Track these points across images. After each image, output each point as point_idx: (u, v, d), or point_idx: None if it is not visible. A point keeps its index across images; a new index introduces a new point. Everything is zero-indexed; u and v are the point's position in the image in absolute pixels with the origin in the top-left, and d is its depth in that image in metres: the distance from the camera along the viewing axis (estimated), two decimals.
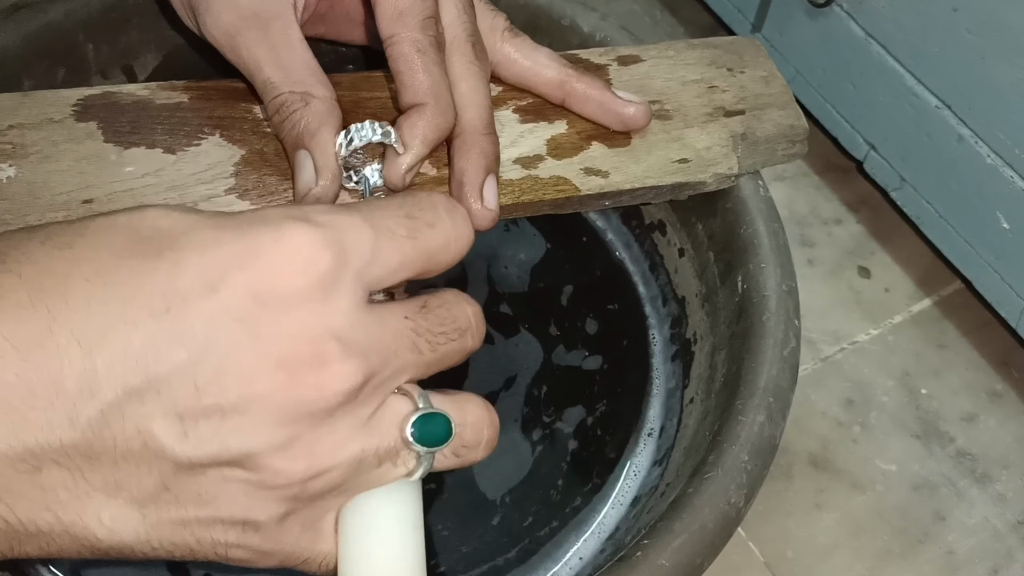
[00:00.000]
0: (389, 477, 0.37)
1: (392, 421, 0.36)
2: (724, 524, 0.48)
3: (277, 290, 0.33)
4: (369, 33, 0.58)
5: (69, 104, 0.52)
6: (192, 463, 0.33)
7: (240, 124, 0.53)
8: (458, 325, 0.38)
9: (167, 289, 0.33)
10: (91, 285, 0.33)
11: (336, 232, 0.34)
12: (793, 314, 0.54)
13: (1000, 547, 0.78)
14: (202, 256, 0.33)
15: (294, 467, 0.34)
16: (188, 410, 0.33)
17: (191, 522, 0.35)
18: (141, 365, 0.32)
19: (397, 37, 0.49)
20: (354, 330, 0.34)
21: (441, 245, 0.37)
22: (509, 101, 0.56)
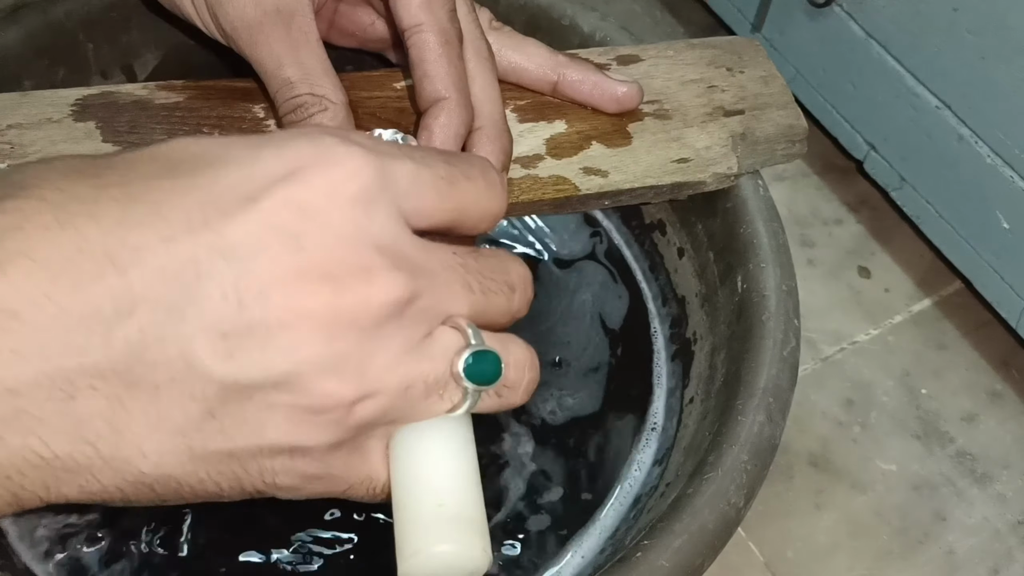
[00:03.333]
0: (434, 410, 0.36)
1: (442, 352, 0.35)
2: (724, 524, 0.48)
3: (319, 201, 0.32)
4: (358, 38, 0.58)
5: (68, 104, 0.52)
6: (238, 385, 0.32)
7: (239, 124, 0.53)
8: (508, 279, 0.38)
9: (204, 202, 0.32)
10: (121, 205, 0.31)
11: (377, 154, 0.34)
12: (793, 314, 0.54)
13: (1000, 547, 0.78)
14: (240, 169, 0.32)
15: (342, 388, 0.33)
16: (232, 327, 0.31)
17: (238, 452, 0.33)
18: (180, 281, 0.31)
19: (425, 26, 0.48)
20: (398, 246, 0.34)
21: (473, 200, 0.37)
22: (508, 101, 0.56)
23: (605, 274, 0.67)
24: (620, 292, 0.67)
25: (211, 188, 0.32)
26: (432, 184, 0.35)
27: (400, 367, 0.34)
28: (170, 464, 0.33)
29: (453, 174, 0.36)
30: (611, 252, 0.68)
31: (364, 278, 0.33)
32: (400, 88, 0.55)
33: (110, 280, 0.31)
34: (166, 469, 0.33)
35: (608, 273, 0.67)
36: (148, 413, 0.32)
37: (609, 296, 0.67)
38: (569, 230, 0.69)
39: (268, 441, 0.33)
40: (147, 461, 0.32)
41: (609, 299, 0.67)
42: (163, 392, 0.32)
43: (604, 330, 0.66)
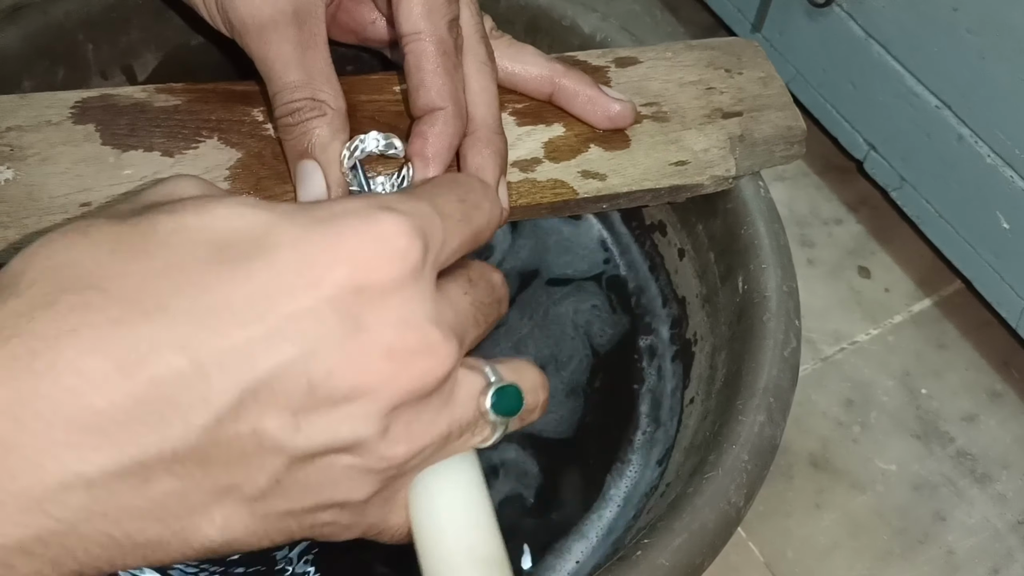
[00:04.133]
0: (468, 446, 0.38)
1: (470, 395, 0.37)
2: (724, 524, 0.48)
3: (376, 281, 0.33)
4: (357, 35, 0.58)
5: (67, 106, 0.52)
6: (305, 455, 0.33)
7: (238, 127, 0.53)
8: (496, 296, 0.40)
9: (267, 290, 0.32)
10: (187, 295, 0.32)
11: (419, 220, 0.35)
12: (794, 315, 0.54)
13: (1000, 547, 0.78)
14: (295, 254, 0.33)
15: (397, 450, 0.35)
16: (301, 405, 0.33)
17: (297, 511, 0.35)
18: (252, 366, 0.32)
19: (424, 34, 0.48)
20: (442, 313, 0.35)
21: (486, 225, 0.38)
22: (506, 104, 0.56)
23: (605, 273, 0.68)
24: (620, 292, 0.67)
25: (271, 273, 0.33)
26: (455, 231, 0.37)
27: (441, 420, 0.36)
28: (235, 529, 0.34)
29: (467, 211, 0.38)
30: (612, 252, 0.68)
31: (424, 354, 0.34)
32: (398, 92, 0.55)
33: (185, 372, 0.31)
34: (230, 535, 0.34)
35: (608, 273, 0.67)
36: (219, 488, 0.33)
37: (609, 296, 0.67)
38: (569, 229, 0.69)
39: (323, 499, 0.35)
40: (214, 529, 0.34)
41: (609, 299, 0.67)
42: (234, 468, 0.33)
43: (604, 330, 0.66)
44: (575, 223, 0.68)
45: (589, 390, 0.64)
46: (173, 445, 0.31)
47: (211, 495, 0.33)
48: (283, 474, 0.33)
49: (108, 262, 0.32)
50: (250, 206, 0.34)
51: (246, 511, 0.34)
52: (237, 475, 0.33)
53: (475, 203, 0.38)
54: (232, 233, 0.33)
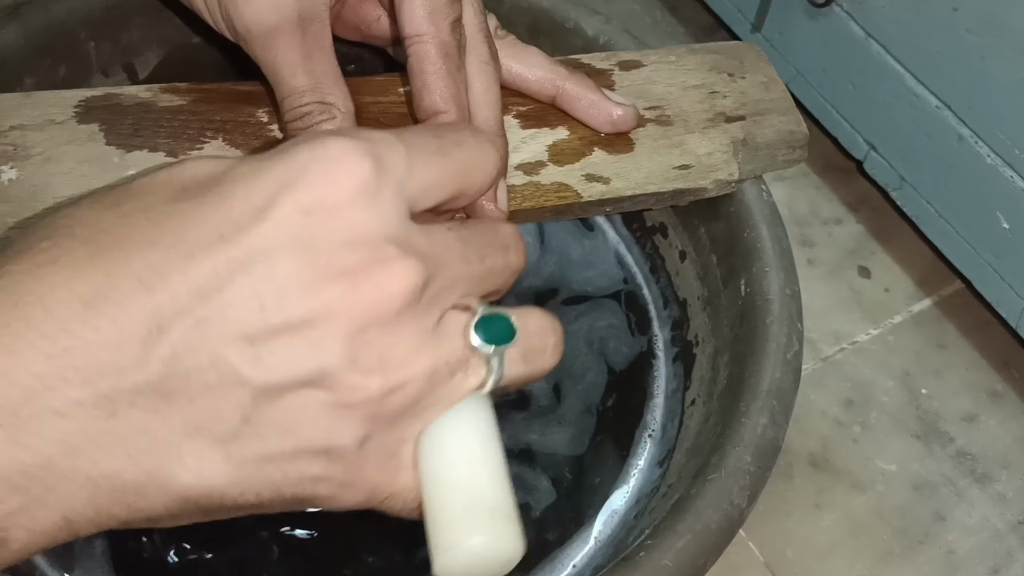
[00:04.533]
0: (463, 389, 0.37)
1: (456, 330, 0.36)
2: (727, 525, 0.48)
3: (324, 201, 0.33)
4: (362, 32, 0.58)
5: (71, 105, 0.52)
6: (269, 387, 0.33)
7: (243, 128, 0.53)
8: (499, 240, 0.38)
9: (218, 220, 0.33)
10: (144, 231, 0.33)
11: (372, 144, 0.35)
12: (796, 318, 0.54)
13: (1000, 547, 0.78)
14: (246, 183, 0.34)
15: (370, 381, 0.34)
16: (257, 332, 0.33)
17: (275, 456, 0.34)
18: (204, 294, 0.32)
19: (427, 36, 0.48)
20: (405, 233, 0.35)
21: (471, 163, 0.38)
22: (511, 107, 0.56)
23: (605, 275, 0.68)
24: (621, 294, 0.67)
25: (222, 205, 0.34)
26: (428, 161, 0.36)
27: (422, 354, 0.35)
28: (210, 474, 0.34)
29: (444, 145, 0.37)
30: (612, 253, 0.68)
31: (378, 269, 0.34)
32: (402, 93, 0.55)
33: (140, 302, 0.32)
34: (206, 480, 0.34)
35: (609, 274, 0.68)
36: (186, 424, 0.33)
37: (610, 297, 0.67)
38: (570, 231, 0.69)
39: (303, 442, 0.34)
40: (188, 472, 0.34)
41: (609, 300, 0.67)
42: (198, 402, 0.33)
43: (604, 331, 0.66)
44: (593, 237, 0.68)
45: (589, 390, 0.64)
46: (133, 376, 0.32)
47: (180, 432, 0.33)
48: (250, 409, 0.33)
49: (82, 215, 0.34)
50: (219, 157, 0.36)
51: (219, 454, 0.34)
52: (203, 411, 0.33)
53: (455, 140, 0.38)
54: (198, 176, 0.35)
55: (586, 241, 0.68)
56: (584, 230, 0.68)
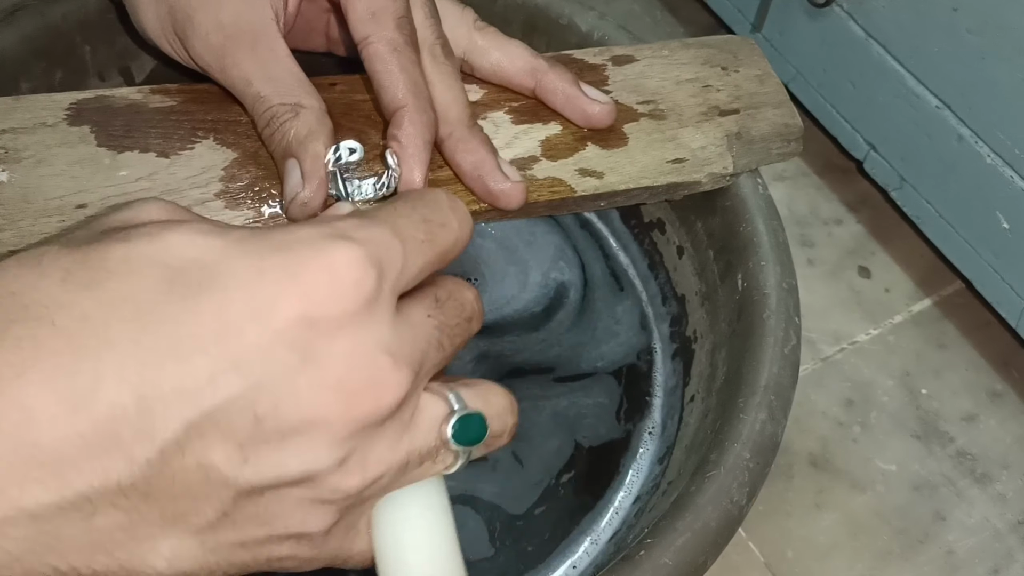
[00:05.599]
0: (429, 473, 0.38)
1: (431, 423, 0.37)
2: (727, 522, 0.48)
3: (328, 313, 0.33)
4: (329, 40, 0.58)
5: (62, 108, 0.52)
6: (253, 488, 0.33)
7: (234, 127, 0.53)
8: (465, 314, 0.39)
9: (216, 322, 0.32)
10: (133, 328, 0.32)
11: (373, 248, 0.34)
12: (793, 312, 0.54)
13: (1000, 547, 0.78)
14: (246, 285, 0.33)
15: (351, 481, 0.34)
16: (248, 439, 0.32)
17: (249, 543, 0.35)
18: (197, 399, 0.32)
19: (372, 37, 0.49)
20: (397, 340, 0.35)
21: (453, 244, 0.38)
22: (503, 103, 0.56)
23: (603, 271, 0.68)
24: (619, 290, 0.67)
25: (219, 306, 0.32)
26: (418, 254, 0.36)
27: (399, 449, 0.36)
28: (184, 561, 0.34)
29: (431, 230, 0.37)
30: (610, 249, 0.68)
31: (374, 384, 0.34)
32: None
33: (128, 405, 0.31)
34: (180, 566, 0.34)
35: (607, 270, 0.67)
36: (164, 517, 0.33)
37: (608, 294, 0.67)
38: (567, 228, 0.69)
39: (278, 530, 0.35)
40: (162, 560, 0.33)
41: (608, 297, 0.67)
42: (180, 500, 0.33)
43: (603, 329, 0.66)
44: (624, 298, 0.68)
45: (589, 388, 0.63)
46: (117, 479, 0.31)
47: (158, 527, 0.33)
48: (231, 507, 0.33)
49: (57, 292, 0.32)
50: (204, 233, 0.34)
51: (195, 543, 0.34)
52: (184, 508, 0.33)
53: (441, 222, 0.38)
54: (183, 263, 0.33)
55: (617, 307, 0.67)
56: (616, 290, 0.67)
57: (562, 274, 0.67)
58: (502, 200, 0.50)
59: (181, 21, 0.51)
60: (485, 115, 0.55)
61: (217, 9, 0.50)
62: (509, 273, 0.67)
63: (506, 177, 0.50)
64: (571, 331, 0.66)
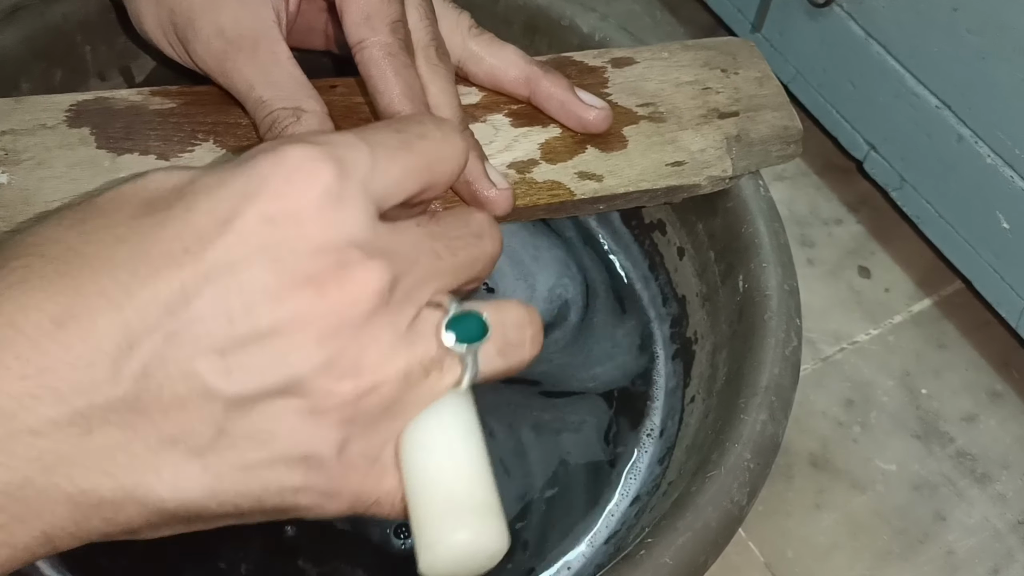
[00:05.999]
0: (439, 388, 0.37)
1: (428, 329, 0.36)
2: (727, 522, 0.48)
3: (287, 209, 0.34)
4: (328, 39, 0.58)
5: (62, 110, 0.52)
6: (241, 398, 0.33)
7: (233, 130, 0.53)
8: (471, 229, 0.38)
9: (183, 233, 0.33)
10: (110, 248, 0.33)
11: (332, 147, 0.35)
12: (795, 313, 0.54)
13: (1000, 547, 0.78)
14: (209, 196, 0.34)
15: (342, 385, 0.34)
16: (226, 343, 0.33)
17: (253, 465, 0.34)
18: (172, 309, 0.33)
19: (367, 42, 0.49)
20: (370, 235, 0.35)
21: (436, 154, 0.38)
22: (502, 105, 0.56)
23: (604, 272, 0.68)
24: (619, 291, 0.67)
25: (186, 217, 0.34)
26: (392, 157, 0.36)
27: (395, 355, 0.35)
28: (187, 486, 0.34)
29: (407, 139, 0.37)
30: (611, 251, 0.68)
31: (344, 273, 0.34)
32: None
33: (109, 319, 0.33)
34: (185, 493, 0.34)
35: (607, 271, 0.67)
36: (161, 437, 0.33)
37: (609, 294, 0.67)
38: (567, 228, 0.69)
39: (280, 450, 0.35)
40: (165, 485, 0.34)
41: (609, 297, 0.67)
42: (172, 415, 0.33)
43: (604, 329, 0.66)
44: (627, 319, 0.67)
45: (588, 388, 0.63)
46: (106, 393, 0.32)
47: (155, 446, 0.33)
48: (224, 421, 0.34)
49: (51, 232, 0.34)
50: (181, 168, 0.36)
51: (196, 466, 0.34)
52: (177, 423, 0.33)
53: (419, 133, 0.38)
54: (163, 189, 0.35)
55: (618, 329, 0.67)
56: (619, 311, 0.67)
57: (566, 290, 0.67)
58: (489, 207, 0.50)
59: (182, 25, 0.51)
60: (484, 118, 0.55)
61: (218, 12, 0.50)
62: (519, 289, 0.67)
63: (493, 184, 0.50)
64: (565, 350, 0.65)
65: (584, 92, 0.56)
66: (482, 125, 0.55)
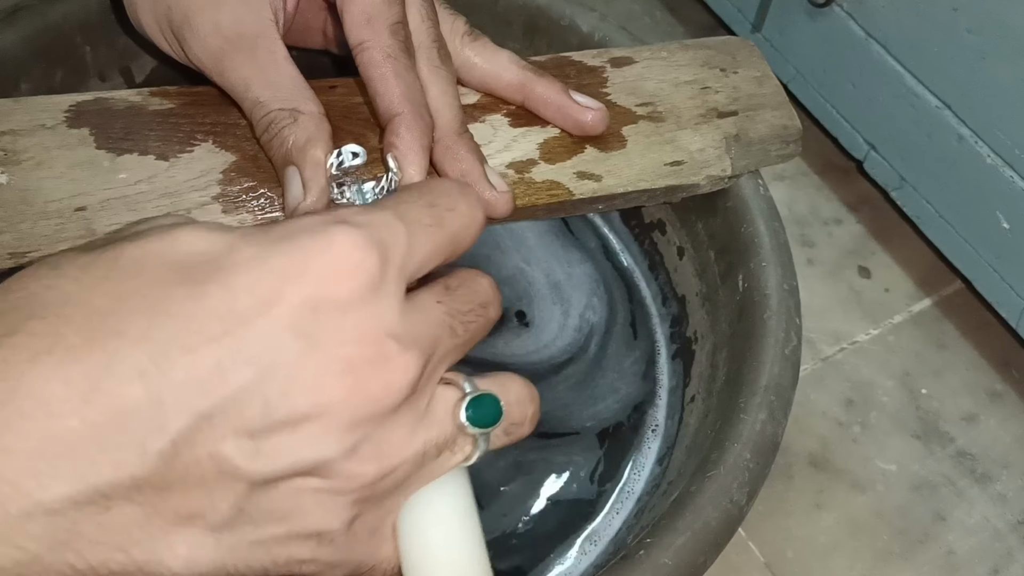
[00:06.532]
0: (449, 465, 0.37)
1: (445, 410, 0.36)
2: (727, 522, 0.48)
3: (332, 297, 0.33)
4: (327, 38, 0.58)
5: (61, 110, 0.52)
6: (266, 479, 0.33)
7: (233, 130, 0.52)
8: (479, 299, 0.38)
9: (223, 312, 0.32)
10: (143, 318, 0.32)
11: (375, 231, 0.34)
12: (794, 313, 0.54)
13: (1000, 547, 0.78)
14: (251, 274, 0.33)
15: (365, 469, 0.34)
16: (259, 428, 0.32)
17: (267, 541, 0.34)
18: (207, 390, 0.32)
19: (367, 43, 0.49)
20: (405, 324, 0.34)
21: (463, 227, 0.38)
22: (501, 105, 0.56)
23: (604, 272, 0.67)
24: (619, 291, 0.67)
25: (226, 295, 0.33)
26: (425, 236, 0.36)
27: (415, 438, 0.36)
28: (200, 561, 0.34)
29: (438, 214, 0.37)
30: (611, 250, 0.68)
31: (382, 366, 0.34)
32: None
33: (140, 398, 0.31)
34: (196, 567, 0.34)
35: (607, 271, 0.67)
36: (179, 514, 0.33)
37: (609, 295, 0.67)
38: (568, 228, 0.69)
39: (295, 527, 0.35)
40: (178, 560, 0.33)
41: (609, 297, 0.67)
42: (194, 494, 0.33)
43: (604, 329, 0.66)
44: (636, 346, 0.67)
45: (588, 388, 0.63)
46: (131, 472, 0.31)
47: (173, 523, 0.33)
48: (245, 500, 0.33)
49: (72, 290, 0.33)
50: (212, 230, 0.34)
51: (211, 541, 0.33)
52: (198, 502, 0.33)
53: (448, 206, 0.38)
54: (192, 256, 0.34)
55: (628, 358, 0.66)
56: (631, 337, 0.67)
57: (594, 313, 0.66)
58: (488, 209, 0.50)
59: (179, 22, 0.51)
60: (483, 118, 0.55)
61: (215, 10, 0.50)
62: (554, 316, 0.66)
63: (492, 187, 0.50)
64: (574, 388, 0.64)
65: (579, 94, 0.55)
66: (480, 125, 0.55)
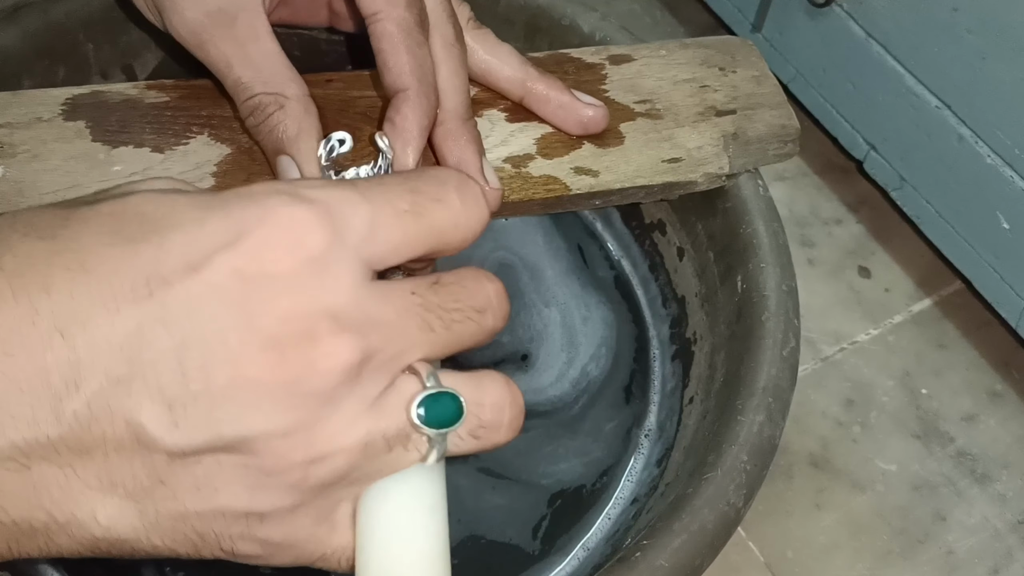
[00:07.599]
0: (402, 463, 0.35)
1: (399, 402, 0.34)
2: (723, 525, 0.48)
3: (264, 269, 0.32)
4: (333, 13, 0.57)
5: (58, 103, 0.52)
6: (184, 452, 0.32)
7: (228, 123, 0.53)
8: (475, 303, 0.36)
9: (150, 273, 0.31)
10: (73, 274, 0.31)
11: (327, 207, 0.33)
12: (793, 314, 0.54)
13: (1000, 547, 0.78)
14: (185, 237, 0.32)
15: (292, 450, 0.32)
16: (176, 397, 0.31)
17: (190, 516, 0.33)
18: (125, 353, 0.31)
19: (382, 14, 0.47)
20: (351, 306, 0.33)
21: (450, 222, 0.35)
22: (498, 100, 0.56)
23: (604, 272, 0.68)
24: (619, 291, 0.67)
25: (156, 255, 0.32)
26: (395, 221, 0.34)
27: (356, 427, 0.34)
28: (122, 528, 0.33)
29: (419, 202, 0.35)
30: (611, 251, 0.68)
31: (308, 344, 0.32)
32: None
33: (59, 353, 0.31)
34: (118, 533, 0.33)
35: (608, 271, 0.67)
36: (100, 480, 0.32)
37: (609, 295, 0.67)
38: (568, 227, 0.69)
39: (221, 504, 0.33)
40: (99, 526, 0.33)
41: (609, 298, 0.67)
42: (112, 460, 0.32)
43: (603, 329, 0.66)
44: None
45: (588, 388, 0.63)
46: (46, 431, 0.31)
47: (94, 488, 0.32)
48: (165, 472, 0.32)
49: (15, 240, 0.32)
50: (168, 192, 0.34)
51: (132, 510, 0.33)
52: (116, 469, 0.32)
53: (435, 196, 0.35)
54: (138, 215, 0.33)
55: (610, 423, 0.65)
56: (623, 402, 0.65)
57: (597, 366, 0.64)
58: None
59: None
60: (481, 112, 0.55)
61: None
62: (557, 363, 0.64)
63: (485, 182, 0.49)
64: (541, 436, 0.62)
65: (579, 93, 0.55)
66: (478, 120, 0.55)
